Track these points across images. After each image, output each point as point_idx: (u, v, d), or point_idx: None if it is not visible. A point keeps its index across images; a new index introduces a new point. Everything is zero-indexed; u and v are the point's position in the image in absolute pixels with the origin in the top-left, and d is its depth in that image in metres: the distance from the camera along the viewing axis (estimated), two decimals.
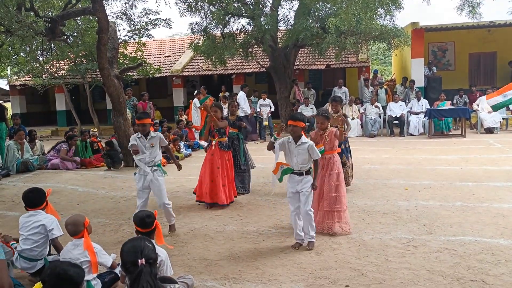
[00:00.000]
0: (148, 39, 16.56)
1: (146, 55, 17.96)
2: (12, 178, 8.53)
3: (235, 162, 6.62)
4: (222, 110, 6.46)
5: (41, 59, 14.37)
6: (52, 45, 12.21)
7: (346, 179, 5.83)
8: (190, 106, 13.88)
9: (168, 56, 20.67)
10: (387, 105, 14.32)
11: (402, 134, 13.69)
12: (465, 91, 15.08)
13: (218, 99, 14.51)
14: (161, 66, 18.26)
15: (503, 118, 13.64)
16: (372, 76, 16.75)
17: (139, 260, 2.45)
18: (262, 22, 13.32)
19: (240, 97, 12.96)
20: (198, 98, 13.58)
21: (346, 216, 4.92)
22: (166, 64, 19.38)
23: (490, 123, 13.10)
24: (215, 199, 6.10)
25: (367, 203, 5.98)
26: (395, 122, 13.86)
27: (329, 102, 7.98)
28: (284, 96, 15.23)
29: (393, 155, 9.91)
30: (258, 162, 7.85)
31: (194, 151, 11.52)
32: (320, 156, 4.53)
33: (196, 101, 13.52)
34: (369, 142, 12.51)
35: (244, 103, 12.92)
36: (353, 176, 6.87)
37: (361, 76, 16.38)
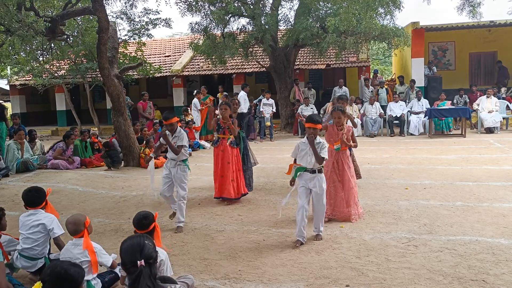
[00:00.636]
0: (148, 39, 16.57)
1: (146, 55, 17.94)
2: (12, 178, 8.51)
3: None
4: (231, 108, 6.51)
5: (41, 59, 14.35)
6: (52, 44, 12.19)
7: (357, 173, 6.41)
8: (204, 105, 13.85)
9: (168, 55, 20.66)
10: (388, 104, 14.33)
11: (402, 133, 13.69)
12: (465, 91, 15.05)
13: (217, 100, 14.50)
14: (161, 65, 18.26)
15: (503, 118, 13.63)
16: (372, 75, 16.75)
17: (139, 261, 2.43)
18: (262, 22, 13.31)
19: (240, 96, 12.94)
20: (198, 98, 13.58)
21: (356, 205, 5.35)
22: (166, 64, 19.38)
23: (490, 123, 13.08)
24: (224, 193, 6.23)
25: (368, 203, 5.97)
26: (396, 122, 13.86)
27: (330, 102, 8.02)
28: (284, 95, 15.24)
29: (393, 155, 9.91)
30: (258, 163, 7.83)
31: (194, 151, 11.51)
32: (326, 158, 4.64)
33: (196, 101, 13.51)
34: (369, 141, 12.50)
35: (244, 103, 12.89)
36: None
37: (361, 75, 16.39)
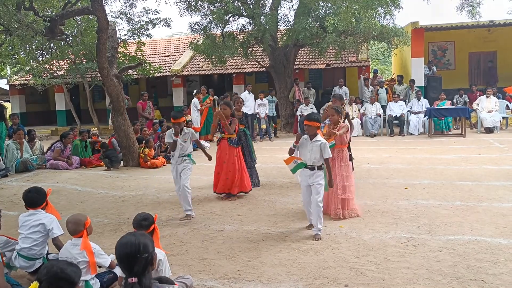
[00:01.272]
0: (147, 39, 16.57)
1: (146, 55, 17.94)
2: (11, 178, 8.49)
3: (244, 159, 6.76)
4: (232, 107, 6.52)
5: (40, 59, 14.32)
6: (51, 44, 12.17)
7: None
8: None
9: (168, 55, 20.65)
10: (387, 104, 14.33)
11: (402, 133, 13.69)
12: (465, 91, 15.06)
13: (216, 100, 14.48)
14: (161, 65, 18.25)
15: (503, 118, 13.63)
16: (372, 75, 16.75)
17: (130, 279, 2.34)
18: (262, 22, 13.30)
19: (242, 96, 12.99)
20: (198, 98, 13.57)
21: (353, 203, 5.45)
22: (166, 63, 19.38)
23: (490, 123, 13.08)
24: (217, 189, 6.55)
25: (367, 203, 5.97)
26: (395, 121, 13.86)
27: (330, 102, 8.03)
28: (284, 95, 15.23)
29: (393, 155, 9.91)
30: (258, 162, 7.83)
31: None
32: (331, 156, 4.80)
33: (195, 100, 13.50)
34: (369, 141, 12.50)
35: (247, 102, 12.97)
36: None
37: (361, 75, 16.38)
